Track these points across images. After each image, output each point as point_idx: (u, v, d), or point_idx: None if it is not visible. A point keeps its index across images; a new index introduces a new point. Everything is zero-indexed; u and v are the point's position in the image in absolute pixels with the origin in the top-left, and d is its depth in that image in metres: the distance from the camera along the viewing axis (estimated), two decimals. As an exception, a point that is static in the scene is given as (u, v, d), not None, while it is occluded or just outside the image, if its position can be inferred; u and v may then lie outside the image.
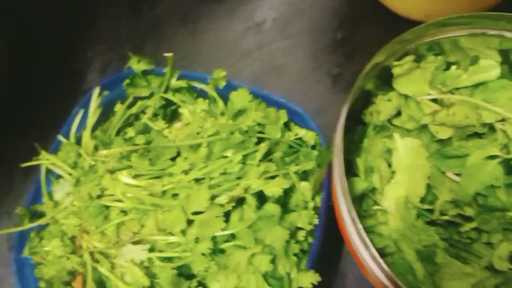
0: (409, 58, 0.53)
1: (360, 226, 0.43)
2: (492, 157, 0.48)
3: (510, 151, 0.48)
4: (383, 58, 0.50)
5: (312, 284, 0.46)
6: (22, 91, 0.73)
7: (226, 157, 0.51)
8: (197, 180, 0.50)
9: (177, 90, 0.57)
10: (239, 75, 0.72)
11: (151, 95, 0.57)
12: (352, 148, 0.54)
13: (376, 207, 0.52)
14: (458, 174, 0.50)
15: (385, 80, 0.55)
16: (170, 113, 0.58)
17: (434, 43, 0.53)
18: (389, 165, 0.53)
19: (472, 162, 0.48)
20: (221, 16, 0.78)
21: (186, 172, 0.50)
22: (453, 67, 0.56)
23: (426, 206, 0.50)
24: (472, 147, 0.50)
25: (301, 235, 0.50)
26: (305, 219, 0.49)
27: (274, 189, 0.48)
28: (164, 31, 0.77)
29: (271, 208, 0.48)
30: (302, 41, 0.74)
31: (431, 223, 0.50)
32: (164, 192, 0.49)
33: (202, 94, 0.58)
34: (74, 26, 0.79)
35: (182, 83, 0.56)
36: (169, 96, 0.56)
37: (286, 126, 0.56)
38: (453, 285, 0.45)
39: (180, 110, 0.57)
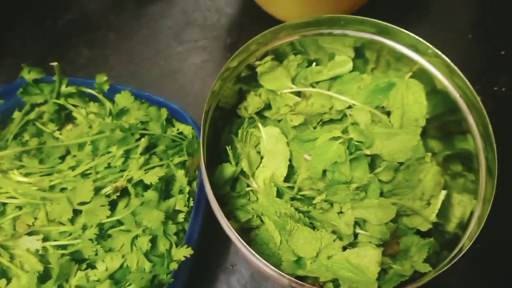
0: (268, 57, 0.61)
1: (217, 206, 0.50)
2: (336, 138, 0.57)
3: (349, 132, 0.57)
4: (236, 63, 0.58)
5: (185, 256, 0.52)
6: None
7: (110, 152, 0.57)
8: (85, 175, 0.56)
9: (69, 95, 0.63)
10: (138, 78, 0.78)
11: (46, 101, 0.63)
12: (229, 139, 0.62)
13: (247, 188, 0.60)
14: (312, 155, 0.59)
15: (255, 78, 0.63)
16: (64, 116, 0.63)
17: (289, 44, 0.62)
18: (259, 153, 0.61)
19: (319, 143, 0.57)
20: (121, 26, 0.84)
21: (73, 168, 0.56)
22: (314, 64, 0.65)
23: (287, 184, 0.58)
24: (321, 131, 0.58)
25: (180, 217, 0.57)
26: (181, 202, 0.56)
27: (151, 177, 0.55)
28: (66, 44, 0.82)
29: (150, 195, 0.55)
30: (196, 47, 0.81)
31: (293, 199, 0.58)
32: (52, 187, 0.55)
33: (93, 98, 0.64)
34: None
35: (72, 89, 0.62)
36: (61, 101, 0.62)
37: (170, 122, 0.63)
38: (305, 248, 0.53)
39: (74, 113, 0.63)
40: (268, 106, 0.64)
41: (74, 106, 0.62)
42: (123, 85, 0.62)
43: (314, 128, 0.60)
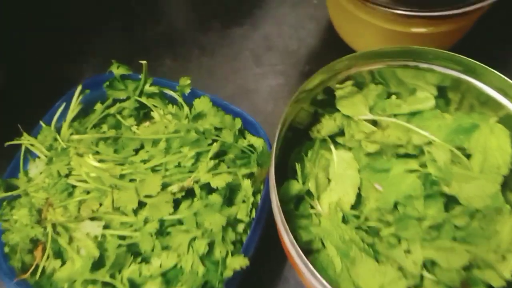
0: (349, 82, 0.60)
1: (283, 220, 0.49)
2: (412, 171, 0.55)
3: (427, 166, 0.55)
4: (317, 82, 0.58)
5: (241, 267, 0.51)
6: (17, 90, 0.82)
7: (181, 152, 0.58)
8: (154, 170, 0.57)
9: (151, 95, 0.65)
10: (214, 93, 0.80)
11: (128, 98, 0.65)
12: (298, 158, 0.61)
13: (312, 210, 0.58)
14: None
15: (331, 102, 0.63)
16: (142, 115, 0.65)
17: (371, 72, 0.61)
18: (328, 176, 0.60)
19: (394, 174, 0.55)
20: (206, 43, 0.87)
21: (144, 162, 0.57)
22: (393, 97, 0.64)
23: (354, 212, 0.56)
24: (396, 162, 0.56)
25: (241, 227, 0.56)
26: (243, 211, 0.55)
27: (218, 181, 0.55)
28: (151, 53, 0.86)
29: (214, 198, 0.54)
30: (273, 70, 0.82)
31: (359, 229, 0.56)
32: (122, 176, 0.56)
33: (172, 101, 0.65)
34: (73, 42, 0.89)
35: (154, 89, 0.64)
36: (143, 99, 0.64)
37: (242, 134, 0.63)
38: (367, 280, 0.50)
39: (152, 113, 0.65)
40: (341, 133, 0.63)
41: (154, 106, 0.64)
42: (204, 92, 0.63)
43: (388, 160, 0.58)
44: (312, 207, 0.58)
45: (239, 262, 0.51)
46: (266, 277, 0.64)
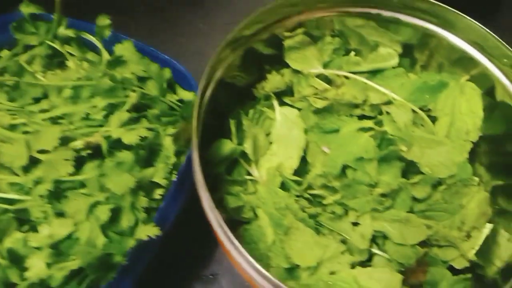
0: (300, 30, 0.51)
1: (202, 183, 0.39)
2: (366, 130, 0.46)
3: (384, 125, 0.46)
4: (252, 30, 0.48)
5: (149, 236, 0.41)
6: None
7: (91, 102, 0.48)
8: (55, 122, 0.47)
9: (67, 41, 0.55)
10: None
11: (40, 44, 0.55)
12: (236, 117, 0.51)
13: (247, 176, 0.49)
14: (333, 149, 0.48)
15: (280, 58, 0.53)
16: (57, 64, 0.55)
17: (329, 21, 0.52)
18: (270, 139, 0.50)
19: (344, 133, 0.46)
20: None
21: (44, 112, 0.47)
22: (352, 53, 0.55)
23: (295, 178, 0.47)
24: (348, 121, 0.47)
25: (158, 193, 0.46)
26: (161, 173, 0.45)
27: (131, 137, 0.45)
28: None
29: (125, 156, 0.45)
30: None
31: (300, 197, 0.46)
32: (14, 127, 0.46)
33: (94, 49, 0.55)
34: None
35: (70, 32, 0.54)
36: (56, 45, 0.54)
37: (172, 87, 0.53)
38: (304, 254, 0.41)
39: (67, 62, 0.55)
40: (290, 92, 0.54)
41: (69, 53, 0.54)
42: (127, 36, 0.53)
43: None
44: (249, 173, 0.49)
45: (147, 231, 0.42)
46: (189, 269, 0.53)
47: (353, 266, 0.41)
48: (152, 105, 0.51)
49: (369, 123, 0.46)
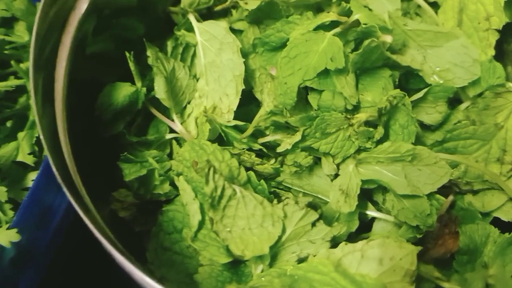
0: None
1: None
2: (327, 27, 0.29)
3: (352, 12, 0.29)
4: None
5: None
6: None
7: None
8: None
9: None
10: None
11: None
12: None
13: (169, 135, 0.33)
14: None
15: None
16: None
17: None
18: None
19: (296, 39, 0.29)
20: None
21: None
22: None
23: (236, 122, 0.30)
24: (301, 18, 0.30)
25: (30, 178, 0.30)
26: (26, 148, 0.30)
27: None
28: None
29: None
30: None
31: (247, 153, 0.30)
32: None
33: None
34: None
35: None
36: None
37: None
38: (247, 238, 0.25)
39: None
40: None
41: None
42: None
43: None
44: (171, 130, 0.33)
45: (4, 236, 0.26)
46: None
47: (335, 243, 0.25)
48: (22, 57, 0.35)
49: (331, 16, 0.29)
